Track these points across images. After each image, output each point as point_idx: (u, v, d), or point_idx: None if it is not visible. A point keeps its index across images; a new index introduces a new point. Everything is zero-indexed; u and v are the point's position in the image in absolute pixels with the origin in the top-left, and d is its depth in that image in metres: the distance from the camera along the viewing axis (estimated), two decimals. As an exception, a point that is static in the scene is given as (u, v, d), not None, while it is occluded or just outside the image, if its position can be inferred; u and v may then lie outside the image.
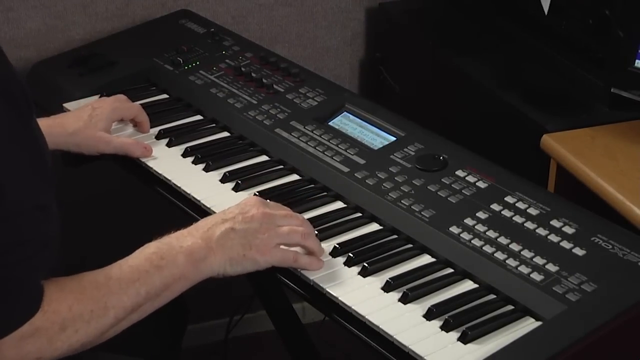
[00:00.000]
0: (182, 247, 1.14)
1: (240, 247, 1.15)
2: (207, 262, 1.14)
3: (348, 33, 2.08)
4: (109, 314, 1.07)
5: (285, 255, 1.18)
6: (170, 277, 1.12)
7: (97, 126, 1.44)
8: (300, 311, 1.91)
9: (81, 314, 1.04)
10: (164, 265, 1.11)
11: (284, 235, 1.18)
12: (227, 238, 1.15)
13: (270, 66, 1.65)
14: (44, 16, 1.85)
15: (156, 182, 1.42)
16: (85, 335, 1.05)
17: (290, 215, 1.21)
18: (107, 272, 1.09)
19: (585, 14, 1.59)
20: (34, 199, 1.00)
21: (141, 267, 1.10)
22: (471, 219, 1.24)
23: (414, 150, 1.39)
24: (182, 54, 1.69)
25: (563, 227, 1.21)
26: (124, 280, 1.08)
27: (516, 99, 1.61)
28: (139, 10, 1.91)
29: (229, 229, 1.16)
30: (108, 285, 1.08)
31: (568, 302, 1.10)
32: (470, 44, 1.83)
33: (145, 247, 1.14)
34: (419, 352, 1.06)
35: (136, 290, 1.09)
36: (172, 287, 1.12)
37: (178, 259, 1.12)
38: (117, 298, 1.07)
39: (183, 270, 1.12)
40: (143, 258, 1.12)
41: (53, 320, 1.02)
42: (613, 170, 1.40)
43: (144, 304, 1.10)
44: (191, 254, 1.13)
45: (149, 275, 1.10)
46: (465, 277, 1.18)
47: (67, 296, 1.04)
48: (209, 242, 1.15)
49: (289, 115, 1.50)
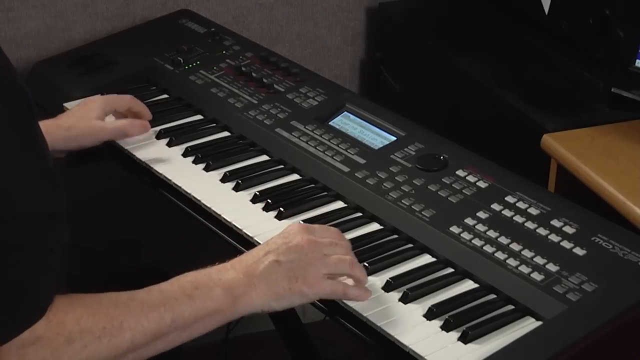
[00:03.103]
0: (220, 279, 1.08)
1: (286, 281, 1.09)
2: (246, 298, 1.08)
3: (348, 33, 2.09)
4: (125, 335, 1.01)
5: (335, 287, 1.12)
6: (202, 310, 1.06)
7: (90, 115, 1.44)
8: (300, 311, 1.89)
9: (91, 329, 1.00)
10: (197, 295, 1.05)
11: (332, 265, 1.12)
12: (271, 272, 1.09)
13: (270, 66, 1.65)
14: (45, 16, 1.86)
15: (156, 182, 1.42)
16: (96, 353, 1.00)
17: (335, 241, 1.15)
18: (133, 294, 1.04)
19: (586, 14, 1.59)
20: (41, 204, 0.98)
21: (171, 293, 1.05)
22: (471, 218, 1.24)
23: (415, 150, 1.39)
24: (182, 53, 1.70)
25: (563, 227, 1.21)
26: (147, 304, 1.03)
27: (516, 98, 1.61)
28: (139, 10, 1.92)
29: (273, 262, 1.09)
30: (128, 305, 1.03)
31: (568, 302, 1.10)
32: (470, 44, 1.83)
33: (183, 275, 1.09)
34: (419, 351, 1.06)
35: (159, 315, 1.03)
36: (204, 320, 1.06)
37: (214, 292, 1.06)
38: (135, 320, 1.02)
39: (218, 305, 1.06)
40: (176, 285, 1.06)
41: (57, 331, 0.99)
42: (613, 170, 1.40)
43: (169, 333, 1.04)
44: (230, 289, 1.07)
45: (177, 303, 1.04)
46: (465, 277, 1.18)
47: (77, 309, 1.00)
48: (251, 277, 1.08)
49: (289, 115, 1.51)
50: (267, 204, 1.32)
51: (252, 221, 1.29)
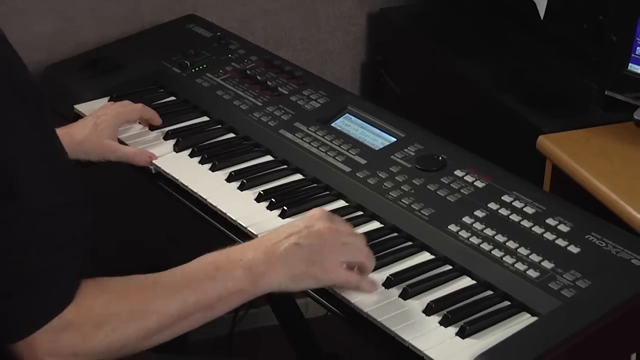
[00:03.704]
0: (241, 260, 1.09)
1: (303, 264, 1.10)
2: (266, 278, 1.09)
3: (350, 37, 2.08)
4: (151, 318, 1.03)
5: (349, 277, 1.13)
6: (224, 289, 1.07)
7: (103, 134, 1.45)
8: (303, 306, 1.91)
9: (119, 313, 1.01)
10: (219, 276, 1.07)
11: (349, 254, 1.14)
12: (291, 254, 1.10)
13: (274, 69, 1.65)
14: (55, 20, 1.85)
15: (164, 181, 1.43)
16: (124, 336, 1.02)
17: (354, 232, 1.17)
18: (156, 277, 1.06)
19: (580, 19, 1.59)
20: (67, 194, 1.00)
21: (194, 275, 1.07)
22: (469, 217, 1.24)
23: (414, 150, 1.39)
24: (189, 57, 1.69)
25: (558, 225, 1.22)
26: (172, 286, 1.05)
27: (513, 101, 1.61)
28: (147, 14, 1.91)
29: (293, 245, 1.10)
30: (154, 289, 1.04)
31: (563, 298, 1.10)
32: (468, 48, 1.83)
33: (203, 256, 1.10)
34: (418, 346, 1.06)
35: (184, 297, 1.05)
36: (227, 299, 1.08)
37: (235, 272, 1.08)
38: (161, 302, 1.04)
39: (240, 284, 1.08)
40: (198, 267, 1.08)
41: (87, 316, 1.00)
42: (607, 170, 1.40)
43: (193, 313, 1.06)
44: (250, 269, 1.08)
45: (200, 284, 1.06)
46: (463, 274, 1.18)
47: (105, 294, 1.02)
48: (270, 257, 1.09)
49: (292, 116, 1.51)
50: (271, 202, 1.32)
51: (257, 219, 1.29)
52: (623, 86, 1.49)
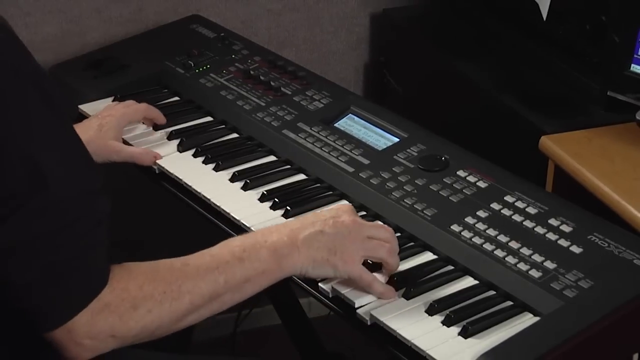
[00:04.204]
0: (266, 242, 1.12)
1: (325, 251, 1.13)
2: (290, 260, 1.12)
3: (353, 38, 2.09)
4: (184, 299, 1.05)
5: (365, 275, 1.14)
6: (252, 270, 1.10)
7: (107, 135, 1.46)
8: (306, 306, 1.91)
9: (152, 294, 1.03)
10: (245, 257, 1.10)
11: (370, 249, 1.15)
12: (314, 239, 1.13)
13: (278, 69, 1.65)
14: (61, 21, 1.86)
15: (167, 181, 1.43)
16: (159, 317, 1.04)
17: (380, 226, 1.19)
18: (185, 259, 1.09)
19: (582, 20, 1.59)
20: (80, 182, 1.01)
21: (222, 256, 1.10)
22: (472, 217, 1.25)
23: (417, 151, 1.39)
24: (193, 57, 1.70)
25: (560, 225, 1.22)
26: (202, 267, 1.08)
27: (515, 101, 1.61)
28: (151, 15, 1.92)
29: (318, 231, 1.14)
30: (184, 270, 1.07)
31: (565, 298, 1.11)
32: (470, 49, 1.83)
33: (230, 240, 1.13)
34: (421, 345, 1.07)
35: (214, 278, 1.08)
36: (254, 280, 1.11)
37: (261, 253, 1.11)
38: (192, 283, 1.06)
39: (265, 265, 1.11)
40: (225, 249, 1.11)
41: (123, 297, 1.02)
42: (609, 170, 1.41)
43: (223, 294, 1.09)
44: (275, 250, 1.12)
45: (229, 265, 1.09)
46: (465, 274, 1.19)
47: (138, 276, 1.04)
48: (295, 240, 1.13)
49: (296, 116, 1.51)
50: (275, 202, 1.33)
51: (260, 219, 1.29)
52: (625, 87, 1.49)
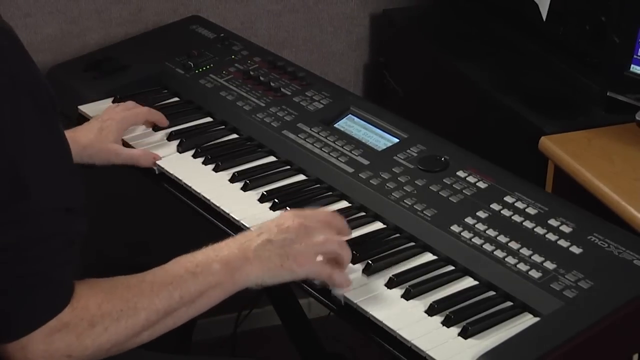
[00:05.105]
0: (217, 256, 1.13)
1: (277, 258, 1.14)
2: (243, 272, 1.13)
3: (353, 38, 2.09)
4: (140, 315, 1.06)
5: (322, 269, 1.16)
6: (205, 284, 1.11)
7: (107, 138, 1.46)
8: (306, 306, 1.91)
9: (110, 312, 1.04)
10: (199, 272, 1.11)
11: (320, 246, 1.16)
12: (264, 249, 1.14)
13: (277, 70, 1.66)
14: (60, 22, 1.87)
15: (167, 182, 1.44)
16: (115, 334, 1.04)
17: (328, 222, 1.19)
18: (141, 276, 1.09)
19: (582, 20, 1.59)
20: (61, 199, 1.01)
21: (175, 272, 1.10)
22: (472, 218, 1.25)
23: (417, 151, 1.40)
24: (192, 58, 1.70)
25: (560, 226, 1.22)
26: (156, 283, 1.08)
27: (515, 102, 1.61)
28: (151, 16, 1.92)
29: (265, 241, 1.15)
30: (140, 287, 1.07)
31: (565, 298, 1.11)
32: (470, 50, 1.83)
33: (182, 256, 1.14)
34: (421, 346, 1.07)
35: (169, 293, 1.08)
36: (207, 294, 1.11)
37: (213, 267, 1.12)
38: (148, 300, 1.07)
39: (218, 278, 1.12)
40: (178, 265, 1.12)
41: (82, 317, 1.02)
42: (609, 171, 1.41)
43: (178, 309, 1.09)
44: (227, 263, 1.12)
45: (182, 280, 1.09)
46: (465, 274, 1.19)
47: (98, 294, 1.04)
48: (245, 252, 1.14)
49: (295, 117, 1.51)
50: (274, 203, 1.33)
51: (260, 220, 1.27)
52: (625, 87, 1.49)
